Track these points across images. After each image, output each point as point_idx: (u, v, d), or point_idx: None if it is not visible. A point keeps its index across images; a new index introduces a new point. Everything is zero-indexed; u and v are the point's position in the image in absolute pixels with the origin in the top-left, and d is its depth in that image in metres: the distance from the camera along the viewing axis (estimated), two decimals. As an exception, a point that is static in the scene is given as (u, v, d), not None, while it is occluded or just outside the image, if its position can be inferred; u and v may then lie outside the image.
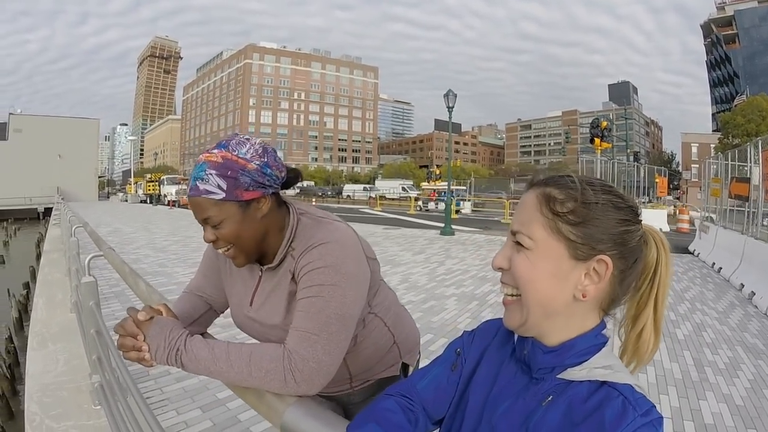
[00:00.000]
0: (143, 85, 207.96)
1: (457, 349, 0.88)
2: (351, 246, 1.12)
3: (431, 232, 15.55)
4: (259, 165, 1.09)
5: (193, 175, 1.07)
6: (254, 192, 1.08)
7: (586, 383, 0.67)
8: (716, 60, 77.35)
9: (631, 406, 0.61)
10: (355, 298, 1.09)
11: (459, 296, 6.58)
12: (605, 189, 0.71)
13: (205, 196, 1.05)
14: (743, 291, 7.10)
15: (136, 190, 48.48)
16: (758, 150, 8.34)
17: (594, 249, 0.68)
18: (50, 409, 2.94)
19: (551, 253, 0.69)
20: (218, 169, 1.05)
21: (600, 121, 17.50)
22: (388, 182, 56.73)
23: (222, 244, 1.11)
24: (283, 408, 0.88)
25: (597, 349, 0.70)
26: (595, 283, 0.68)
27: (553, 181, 0.73)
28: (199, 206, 1.07)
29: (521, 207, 0.74)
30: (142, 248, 11.03)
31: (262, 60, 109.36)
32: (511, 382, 0.75)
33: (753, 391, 3.63)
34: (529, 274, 0.70)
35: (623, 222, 0.69)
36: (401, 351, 1.38)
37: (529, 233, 0.70)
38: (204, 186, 1.05)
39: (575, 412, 0.64)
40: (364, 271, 1.15)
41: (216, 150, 1.09)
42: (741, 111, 47.50)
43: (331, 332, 1.01)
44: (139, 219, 20.69)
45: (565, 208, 0.69)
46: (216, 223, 1.07)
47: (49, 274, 7.30)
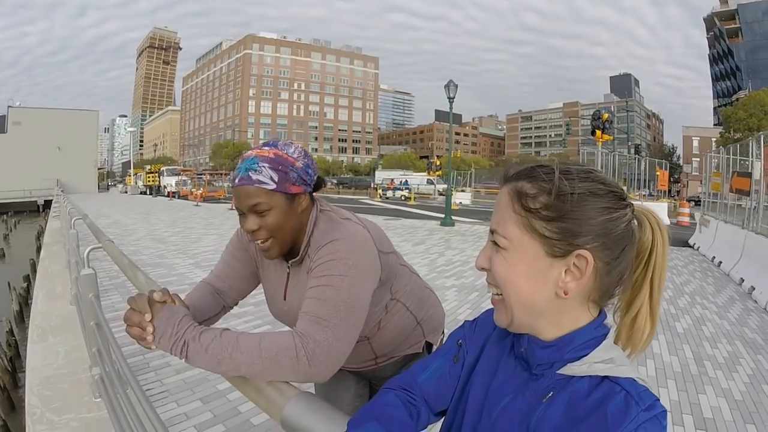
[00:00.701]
0: (142, 76, 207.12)
1: (459, 340, 0.87)
2: (360, 242, 1.18)
3: (431, 222, 15.57)
4: (304, 164, 1.21)
5: (243, 167, 1.15)
6: (299, 187, 1.19)
7: (587, 378, 0.65)
8: (719, 54, 77.02)
9: (634, 401, 0.59)
10: (364, 289, 1.14)
11: (459, 287, 6.59)
12: (582, 176, 0.66)
13: (257, 185, 1.13)
14: (743, 285, 7.10)
15: (136, 182, 48.42)
16: (760, 145, 8.31)
17: (571, 244, 0.64)
18: (51, 401, 2.95)
19: (527, 252, 0.67)
20: (271, 163, 1.15)
21: (601, 113, 17.41)
22: (388, 173, 56.59)
23: (263, 234, 1.17)
24: (283, 402, 0.87)
25: (597, 343, 0.67)
26: (577, 279, 0.65)
27: (525, 174, 0.69)
28: (249, 195, 1.14)
29: (497, 204, 0.72)
30: (141, 240, 11.03)
31: (262, 50, 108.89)
32: (511, 378, 0.74)
33: (752, 385, 3.63)
34: (506, 275, 0.68)
35: (604, 210, 0.65)
36: (425, 330, 1.47)
37: (504, 233, 0.69)
38: (257, 176, 1.13)
39: (577, 409, 0.63)
40: (374, 265, 1.21)
41: (267, 147, 1.19)
42: (743, 105, 47.38)
43: (341, 318, 1.06)
44: (139, 210, 20.67)
45: (537, 204, 0.66)
46: (263, 211, 1.15)
47: (49, 267, 7.30)
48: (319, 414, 0.82)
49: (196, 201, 26.56)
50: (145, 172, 49.02)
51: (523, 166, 0.71)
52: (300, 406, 0.85)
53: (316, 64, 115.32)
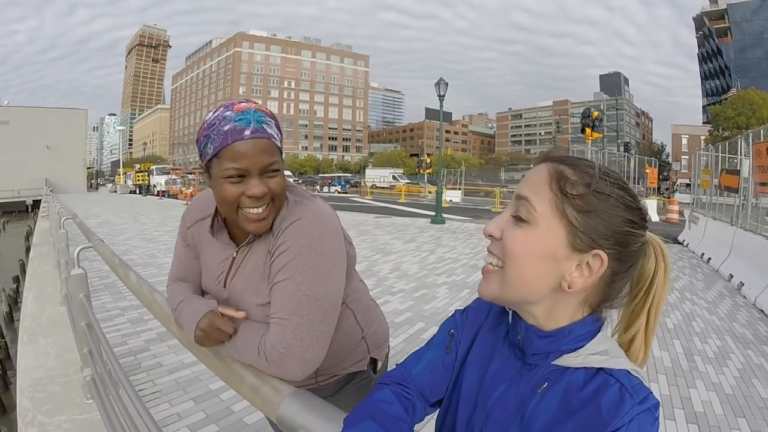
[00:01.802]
0: (131, 74, 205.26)
1: (450, 330, 0.87)
2: (327, 222, 1.08)
3: (422, 220, 15.58)
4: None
5: (251, 118, 1.00)
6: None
7: (582, 370, 0.66)
8: (708, 53, 77.72)
9: (628, 393, 0.60)
10: (332, 277, 1.05)
11: (450, 284, 6.60)
12: (620, 185, 0.67)
13: (273, 140, 1.02)
14: (732, 281, 7.17)
15: (125, 181, 48.06)
16: (749, 143, 8.40)
17: (594, 242, 0.65)
18: (42, 404, 2.91)
19: (550, 235, 0.66)
20: (273, 119, 1.05)
21: (591, 111, 17.49)
22: (379, 171, 56.55)
23: (267, 200, 1.03)
24: (279, 400, 0.87)
25: (592, 335, 0.68)
26: (585, 277, 0.66)
27: (569, 161, 0.69)
28: (266, 150, 1.01)
29: (530, 176, 0.71)
30: (132, 239, 10.94)
31: (252, 48, 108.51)
32: (505, 366, 0.74)
33: (742, 380, 3.68)
34: (520, 250, 0.67)
35: (630, 223, 0.66)
36: (369, 346, 1.33)
37: (533, 203, 0.67)
38: (271, 131, 1.02)
39: (571, 400, 0.63)
40: (342, 250, 1.12)
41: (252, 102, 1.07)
42: (731, 104, 47.84)
43: (303, 315, 0.99)
44: (129, 210, 20.52)
45: (575, 191, 0.65)
46: (275, 171, 1.03)
47: (39, 267, 7.22)
48: (316, 412, 0.82)
49: (186, 200, 26.40)
50: (134, 171, 48.68)
51: (569, 155, 0.71)
52: (296, 404, 0.84)
53: (306, 62, 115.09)
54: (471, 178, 42.55)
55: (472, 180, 42.30)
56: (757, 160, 7.64)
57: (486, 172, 55.29)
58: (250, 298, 1.11)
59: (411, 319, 5.00)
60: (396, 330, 4.62)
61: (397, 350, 4.09)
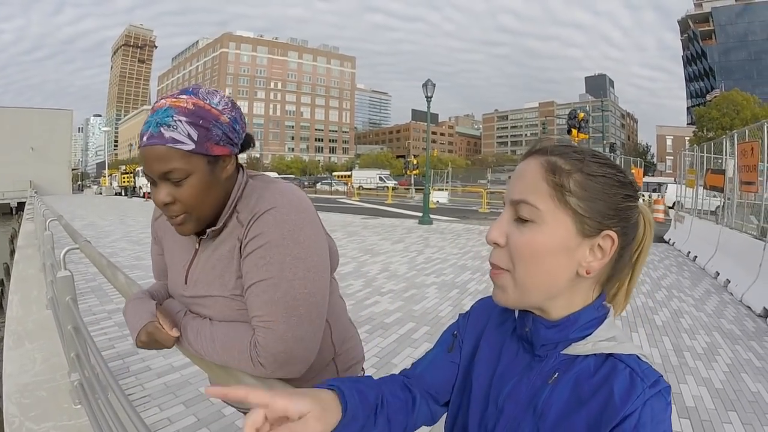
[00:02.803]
0: (117, 75, 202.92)
1: (454, 331, 0.87)
2: (306, 209, 1.00)
3: (409, 221, 15.60)
4: (231, 119, 0.98)
5: (153, 120, 0.92)
6: (224, 148, 0.97)
7: (591, 357, 0.65)
8: (692, 55, 78.90)
9: (639, 377, 0.60)
10: (321, 269, 0.99)
11: (439, 285, 6.60)
12: (609, 164, 0.68)
13: (171, 145, 0.90)
14: (718, 279, 7.26)
15: (111, 183, 47.50)
16: (734, 143, 8.52)
17: (602, 224, 0.65)
18: (29, 410, 2.85)
19: (559, 227, 0.65)
20: (189, 117, 0.92)
21: (577, 113, 17.70)
22: (365, 172, 56.57)
23: (177, 209, 0.96)
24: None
25: (599, 321, 0.68)
26: (599, 259, 0.65)
27: (557, 151, 0.68)
28: (160, 158, 0.91)
29: (521, 176, 0.69)
30: (118, 241, 10.82)
31: (239, 49, 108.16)
32: (514, 362, 0.74)
33: (731, 374, 3.72)
34: (532, 252, 0.65)
35: (628, 198, 0.67)
36: (339, 368, 1.20)
37: (535, 203, 0.65)
38: (171, 134, 0.90)
39: (583, 388, 0.63)
40: (323, 237, 1.04)
41: (185, 96, 0.95)
42: (716, 105, 48.59)
43: (300, 315, 0.93)
44: (115, 211, 20.30)
45: (572, 180, 0.65)
46: (179, 179, 0.93)
47: (24, 270, 7.10)
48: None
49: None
50: (120, 172, 48.17)
51: (556, 144, 0.70)
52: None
53: (293, 63, 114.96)
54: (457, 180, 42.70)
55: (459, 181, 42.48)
56: (742, 159, 7.74)
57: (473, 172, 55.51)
58: (214, 291, 1.03)
59: (401, 319, 4.99)
60: (386, 330, 4.61)
61: (388, 350, 4.08)
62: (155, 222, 1.24)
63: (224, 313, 1.02)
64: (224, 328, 0.99)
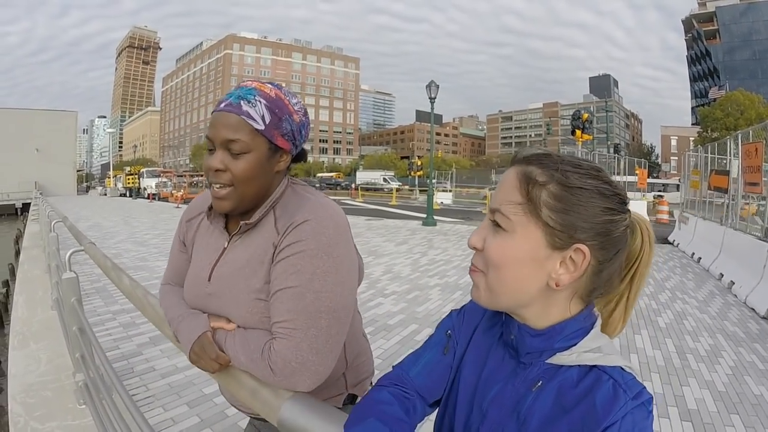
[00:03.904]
0: (122, 76, 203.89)
1: (447, 330, 0.86)
2: (343, 226, 1.03)
3: (413, 222, 15.60)
4: (300, 122, 1.06)
5: (236, 93, 1.00)
6: (287, 143, 1.04)
7: (575, 367, 0.66)
8: (697, 55, 78.53)
9: (622, 389, 0.61)
10: (349, 287, 1.01)
11: (443, 286, 6.60)
12: (593, 174, 0.66)
13: (245, 118, 0.97)
14: (722, 280, 7.24)
15: (116, 184, 47.67)
16: (738, 143, 8.49)
17: (572, 237, 0.64)
18: (34, 409, 2.88)
19: (528, 238, 0.65)
20: (269, 102, 1.00)
21: (581, 114, 17.65)
22: (369, 173, 56.54)
23: (225, 179, 0.99)
24: (279, 403, 0.86)
25: (585, 332, 0.68)
26: (570, 272, 0.65)
27: (536, 160, 0.68)
28: (231, 126, 0.97)
29: (502, 184, 0.70)
30: (122, 242, 10.85)
31: (243, 50, 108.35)
32: (500, 367, 0.74)
33: (734, 377, 3.71)
34: (501, 259, 0.66)
35: (608, 211, 0.65)
36: (348, 382, 1.19)
37: (508, 213, 0.67)
38: (248, 108, 0.97)
39: (566, 398, 0.64)
40: (354, 255, 1.07)
41: (270, 85, 1.04)
42: (720, 105, 48.34)
43: (321, 327, 0.93)
44: (119, 213, 20.34)
45: (546, 192, 0.65)
46: (239, 152, 0.98)
47: (29, 271, 7.14)
48: (316, 414, 0.81)
49: (177, 203, 26.25)
50: (124, 173, 48.31)
51: (535, 151, 0.70)
52: (297, 407, 0.84)
53: (297, 65, 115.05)
54: (461, 181, 42.64)
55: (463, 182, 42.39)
56: (747, 160, 7.72)
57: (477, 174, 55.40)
58: (237, 291, 1.04)
59: (404, 321, 4.99)
60: (389, 332, 4.61)
61: (390, 352, 4.08)
62: (187, 222, 1.24)
63: (241, 314, 1.02)
64: (246, 333, 1.00)
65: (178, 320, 1.10)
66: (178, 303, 1.16)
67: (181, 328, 1.08)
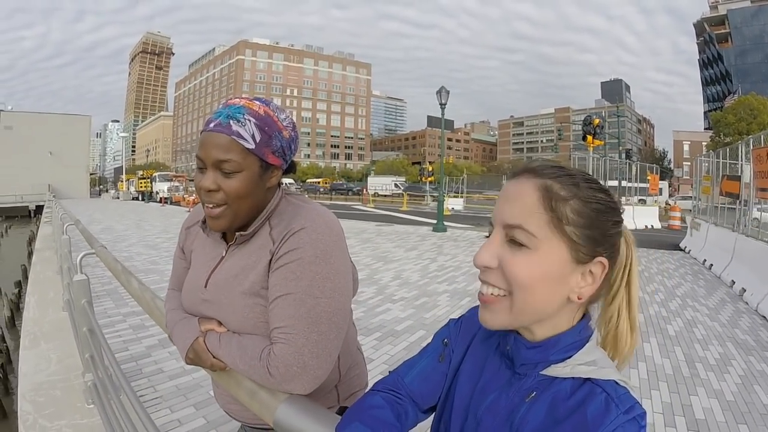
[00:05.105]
0: (135, 81, 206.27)
1: (445, 339, 0.87)
2: (337, 233, 1.05)
3: (424, 228, 15.58)
4: (290, 137, 1.07)
5: (224, 113, 0.99)
6: (277, 159, 1.05)
7: (569, 380, 0.66)
8: (709, 59, 77.94)
9: (614, 403, 0.61)
10: (346, 293, 1.03)
11: (451, 293, 6.59)
12: (601, 188, 0.68)
13: (235, 138, 0.97)
14: (734, 288, 7.16)
15: (128, 187, 48.17)
16: (749, 148, 8.40)
17: (595, 251, 0.65)
18: (43, 408, 2.92)
19: (554, 254, 0.65)
20: (258, 120, 1.00)
21: (592, 119, 17.60)
22: (381, 179, 56.66)
23: (218, 198, 1.01)
24: (275, 405, 0.89)
25: (581, 345, 0.69)
26: (590, 284, 0.67)
27: (551, 173, 0.68)
28: (221, 146, 0.98)
29: (514, 198, 0.68)
30: (134, 246, 10.97)
31: (255, 56, 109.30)
32: (496, 376, 0.75)
33: (743, 386, 3.67)
34: (528, 277, 0.64)
35: (616, 224, 0.68)
36: (340, 395, 1.21)
37: (532, 230, 0.65)
38: (238, 128, 0.98)
39: (558, 409, 0.64)
40: (349, 262, 1.09)
41: (258, 102, 1.04)
42: (732, 110, 47.91)
43: (321, 332, 0.95)
44: (131, 216, 20.56)
45: (568, 207, 0.65)
46: (230, 171, 0.99)
47: (41, 273, 7.24)
48: (311, 416, 0.83)
49: (189, 207, 26.44)
50: (137, 177, 48.84)
51: (549, 165, 0.70)
52: (292, 408, 0.86)
53: (309, 70, 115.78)
54: (473, 186, 42.58)
55: (474, 188, 42.36)
56: (758, 165, 7.64)
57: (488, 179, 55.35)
58: (232, 297, 1.06)
59: (412, 327, 4.99)
60: (396, 338, 4.62)
61: (397, 358, 4.09)
62: (187, 230, 1.27)
63: (237, 320, 1.05)
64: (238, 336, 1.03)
65: (172, 326, 1.14)
66: (175, 309, 1.19)
67: (175, 333, 1.12)
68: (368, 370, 1.38)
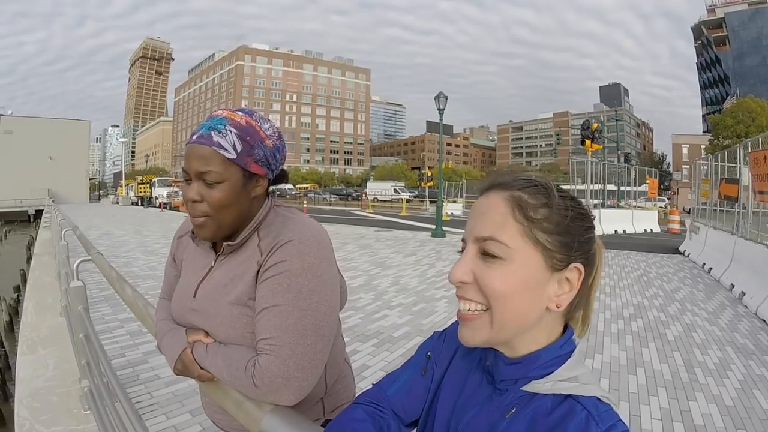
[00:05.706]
0: (135, 86, 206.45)
1: (428, 352, 0.86)
2: (326, 245, 1.06)
3: (422, 234, 15.59)
4: (274, 146, 1.08)
5: (206, 125, 1.01)
6: (261, 168, 1.06)
7: (550, 396, 0.65)
8: (707, 62, 78.16)
9: (594, 421, 0.59)
10: (333, 305, 1.04)
11: (449, 299, 6.57)
12: (570, 196, 0.69)
13: (216, 148, 0.99)
14: (733, 291, 7.15)
15: (128, 192, 48.18)
16: (747, 151, 8.41)
17: (569, 257, 0.65)
18: (40, 413, 2.92)
19: (529, 264, 0.64)
20: (239, 130, 1.02)
21: (591, 123, 17.65)
22: (380, 184, 56.68)
23: (202, 209, 1.02)
24: (260, 416, 0.89)
25: (562, 360, 0.67)
26: (567, 292, 0.66)
27: (519, 185, 0.68)
28: (202, 157, 0.99)
29: (486, 212, 0.68)
30: (132, 251, 10.96)
31: (254, 62, 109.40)
32: (476, 392, 0.74)
33: (743, 391, 3.65)
34: (505, 288, 0.64)
35: (589, 230, 0.68)
36: (326, 408, 1.20)
37: (504, 240, 0.64)
38: (219, 139, 0.99)
39: (538, 426, 0.63)
40: (336, 274, 1.10)
41: (240, 113, 1.06)
42: (730, 113, 47.99)
43: (307, 345, 0.96)
44: (130, 221, 20.56)
45: (539, 215, 0.65)
46: (212, 182, 1.00)
47: (39, 278, 7.24)
48: (295, 427, 0.84)
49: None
50: (136, 182, 48.84)
51: (515, 176, 0.70)
52: (276, 419, 0.87)
53: (308, 76, 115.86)
54: (472, 192, 42.61)
55: (474, 193, 42.40)
56: (755, 168, 7.64)
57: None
58: (220, 307, 1.06)
59: (409, 333, 4.98)
60: (393, 345, 4.61)
61: (394, 365, 4.06)
62: (178, 239, 1.28)
63: (224, 329, 1.05)
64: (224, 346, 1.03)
65: (161, 337, 1.16)
66: (164, 319, 1.20)
67: (164, 344, 1.14)
68: (365, 376, 1.37)
